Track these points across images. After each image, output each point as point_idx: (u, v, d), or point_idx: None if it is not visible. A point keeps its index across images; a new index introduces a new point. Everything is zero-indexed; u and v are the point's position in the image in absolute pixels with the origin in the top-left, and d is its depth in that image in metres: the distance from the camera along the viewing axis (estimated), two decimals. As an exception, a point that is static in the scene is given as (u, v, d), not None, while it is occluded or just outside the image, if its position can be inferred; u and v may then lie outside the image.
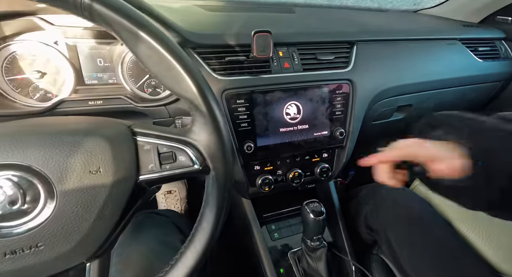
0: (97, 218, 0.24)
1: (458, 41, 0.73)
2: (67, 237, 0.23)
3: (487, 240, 0.43)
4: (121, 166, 0.25)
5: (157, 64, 0.26)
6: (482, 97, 0.80)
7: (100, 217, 0.24)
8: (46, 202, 0.22)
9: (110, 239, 0.27)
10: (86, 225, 0.23)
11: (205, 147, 0.29)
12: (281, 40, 0.57)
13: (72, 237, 0.23)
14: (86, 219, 0.23)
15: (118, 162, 0.25)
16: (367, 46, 0.64)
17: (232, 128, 0.52)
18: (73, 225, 0.23)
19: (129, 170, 0.26)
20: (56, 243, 0.23)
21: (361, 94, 0.61)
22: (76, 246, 0.23)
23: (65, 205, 0.22)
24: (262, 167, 0.59)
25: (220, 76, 0.51)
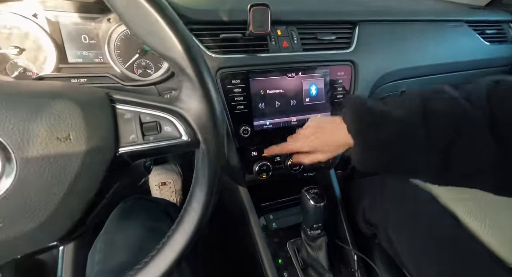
0: (68, 192, 0.21)
1: (464, 23, 0.70)
2: (32, 213, 0.20)
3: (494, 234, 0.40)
4: (96, 135, 0.22)
5: (137, 18, 0.22)
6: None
7: (72, 191, 0.21)
8: (3, 172, 0.19)
9: (87, 219, 0.24)
10: (55, 199, 0.20)
11: (194, 117, 0.25)
12: (280, 18, 0.54)
13: (37, 213, 0.20)
14: (54, 193, 0.20)
15: (92, 129, 0.22)
16: (370, 27, 0.61)
17: (227, 110, 0.49)
18: (39, 200, 0.20)
19: (106, 139, 0.23)
20: (18, 220, 0.20)
21: (363, 77, 0.58)
22: (43, 224, 0.20)
23: (27, 176, 0.19)
24: (259, 153, 0.56)
25: (214, 54, 0.48)
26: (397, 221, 0.49)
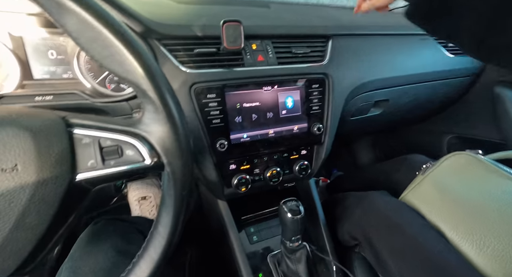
0: (14, 228, 0.19)
1: (430, 37, 0.75)
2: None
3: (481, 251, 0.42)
4: (48, 163, 0.21)
5: (92, 41, 0.22)
6: (454, 92, 0.82)
7: (19, 226, 0.20)
8: None
9: (40, 253, 0.22)
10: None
11: (157, 140, 0.25)
12: (255, 32, 0.55)
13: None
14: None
15: (43, 158, 0.21)
16: (343, 40, 0.63)
17: (203, 124, 0.49)
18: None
19: (60, 167, 0.22)
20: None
21: (337, 88, 0.60)
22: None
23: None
24: (238, 166, 0.56)
25: (189, 69, 0.48)
26: (384, 237, 0.50)
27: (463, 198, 0.48)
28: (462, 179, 0.51)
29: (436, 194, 0.51)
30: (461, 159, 0.54)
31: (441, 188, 0.51)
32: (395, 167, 0.70)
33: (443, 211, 0.48)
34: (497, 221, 0.43)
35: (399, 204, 0.54)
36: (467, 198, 0.47)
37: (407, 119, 0.93)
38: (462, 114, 0.86)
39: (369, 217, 0.53)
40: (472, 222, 0.45)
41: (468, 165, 0.53)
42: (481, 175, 0.50)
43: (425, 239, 0.45)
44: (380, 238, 0.50)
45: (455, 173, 0.53)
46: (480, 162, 0.52)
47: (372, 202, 0.55)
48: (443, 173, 0.54)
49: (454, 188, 0.50)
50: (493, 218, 0.43)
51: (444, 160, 0.56)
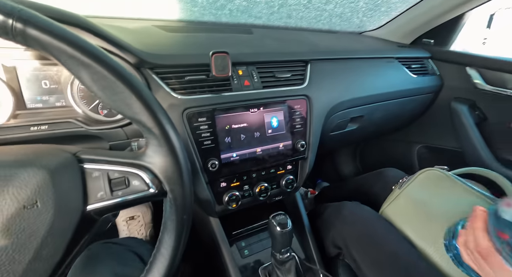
0: (33, 260, 0.21)
1: (395, 60, 0.85)
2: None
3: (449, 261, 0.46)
4: (63, 198, 0.23)
5: (104, 89, 0.25)
6: (419, 107, 0.92)
7: (37, 257, 0.22)
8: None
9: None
10: (19, 268, 0.21)
11: (160, 170, 0.28)
12: (241, 60, 0.60)
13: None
14: (19, 262, 0.21)
15: (60, 193, 0.23)
16: (320, 64, 0.70)
17: (195, 146, 0.52)
18: (1, 270, 0.20)
19: (74, 200, 0.24)
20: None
21: (317, 108, 0.66)
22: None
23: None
24: (228, 183, 0.59)
25: (180, 95, 0.51)
26: (360, 245, 0.55)
27: (433, 213, 0.53)
28: (433, 194, 0.57)
29: (411, 209, 0.57)
30: (431, 175, 0.60)
31: (415, 202, 0.57)
32: (373, 180, 0.77)
33: (417, 225, 0.54)
34: None
35: (376, 217, 0.60)
36: (437, 213, 0.53)
37: (380, 132, 1.02)
38: (427, 126, 0.96)
39: (348, 228, 0.58)
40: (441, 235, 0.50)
41: (438, 180, 0.59)
42: (449, 190, 0.56)
43: (400, 252, 0.50)
44: (359, 249, 0.54)
45: (427, 188, 0.59)
46: (447, 177, 0.58)
47: (348, 213, 0.60)
48: (417, 188, 0.60)
49: (426, 203, 0.56)
50: None
51: (418, 175, 0.62)
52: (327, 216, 0.66)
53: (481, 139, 0.80)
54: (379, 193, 0.69)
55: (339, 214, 0.63)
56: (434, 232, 0.51)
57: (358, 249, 0.55)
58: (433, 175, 0.60)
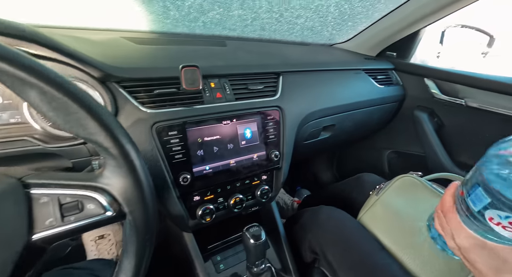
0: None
1: (362, 71, 0.90)
2: None
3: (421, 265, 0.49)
4: (2, 227, 0.21)
5: (56, 110, 0.24)
6: (385, 115, 0.98)
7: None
8: None
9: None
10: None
11: (119, 191, 0.27)
12: (213, 72, 0.60)
13: None
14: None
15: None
16: (292, 76, 0.73)
17: (166, 160, 0.51)
18: None
19: (16, 230, 0.22)
20: None
21: (289, 118, 0.68)
22: None
23: None
24: (202, 197, 0.58)
25: (149, 109, 0.50)
26: (335, 249, 0.56)
27: (407, 219, 0.56)
28: (407, 201, 0.60)
29: (387, 215, 0.59)
30: (406, 181, 0.63)
31: (391, 209, 0.60)
32: (352, 185, 0.79)
33: (392, 231, 0.56)
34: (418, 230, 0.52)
35: (352, 221, 0.62)
36: (410, 219, 0.56)
37: (352, 139, 1.07)
38: (395, 133, 1.03)
39: (325, 233, 0.59)
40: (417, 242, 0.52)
41: (412, 186, 0.62)
42: (422, 197, 0.59)
43: (374, 257, 0.52)
44: (334, 254, 0.56)
45: (402, 194, 0.62)
46: (421, 184, 0.61)
47: (325, 217, 0.62)
48: (393, 194, 0.63)
49: (401, 209, 0.59)
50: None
51: (394, 182, 0.65)
52: (304, 221, 0.67)
53: (440, 144, 0.87)
54: (357, 199, 0.71)
55: (316, 218, 0.64)
56: (407, 238, 0.54)
57: (334, 253, 0.56)
58: (408, 181, 0.63)
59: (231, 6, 0.75)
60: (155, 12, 0.69)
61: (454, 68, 0.88)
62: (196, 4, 0.70)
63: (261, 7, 0.78)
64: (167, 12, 0.71)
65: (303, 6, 0.81)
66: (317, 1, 0.79)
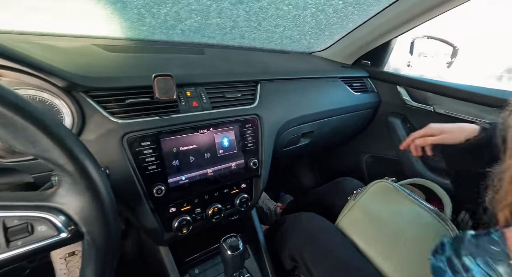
0: None
1: (339, 79, 0.93)
2: None
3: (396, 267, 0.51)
4: None
5: (3, 127, 0.22)
6: (362, 121, 1.01)
7: None
8: None
9: None
10: None
11: (75, 210, 0.26)
12: (189, 81, 0.60)
13: None
14: None
15: None
16: (270, 84, 0.74)
17: (138, 172, 0.49)
18: None
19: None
20: None
21: (268, 126, 0.69)
22: None
23: None
24: (178, 208, 0.57)
25: (120, 119, 0.49)
26: (315, 253, 0.56)
27: (382, 223, 0.58)
28: (383, 205, 0.62)
29: (363, 220, 0.61)
30: (381, 186, 0.65)
31: (367, 214, 0.61)
32: (332, 190, 0.81)
33: (368, 235, 0.58)
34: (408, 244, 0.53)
35: (331, 227, 0.63)
36: (385, 223, 0.58)
37: (331, 144, 1.10)
38: (372, 138, 1.07)
39: (304, 240, 0.59)
40: (391, 245, 0.54)
41: (386, 191, 0.64)
42: (396, 201, 0.61)
43: (352, 261, 0.53)
44: (314, 260, 0.56)
45: (377, 199, 0.64)
46: (395, 189, 0.63)
47: (304, 224, 0.62)
48: (369, 199, 0.64)
49: (376, 214, 0.60)
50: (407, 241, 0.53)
51: (369, 187, 0.67)
52: (285, 229, 0.67)
53: (413, 149, 0.91)
54: (337, 203, 0.73)
55: (296, 226, 0.64)
56: (383, 241, 0.56)
57: (312, 260, 0.56)
58: (383, 186, 0.65)
59: (209, 15, 0.75)
60: (129, 19, 0.68)
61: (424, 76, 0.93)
62: (172, 12, 0.70)
63: (239, 16, 0.79)
64: (143, 20, 0.70)
65: (280, 15, 0.83)
66: (293, 11, 0.82)
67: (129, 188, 0.48)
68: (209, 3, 0.70)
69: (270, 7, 0.77)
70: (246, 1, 0.72)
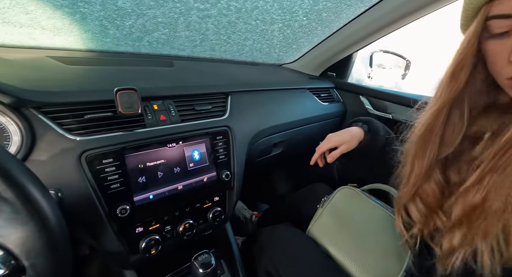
0: None
1: (307, 90, 0.97)
2: None
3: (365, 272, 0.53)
4: None
5: None
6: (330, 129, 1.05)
7: None
8: None
9: None
10: None
11: (15, 242, 0.23)
12: (156, 94, 0.58)
13: None
14: None
15: None
16: (240, 96, 0.75)
17: (99, 192, 0.46)
18: None
19: None
20: None
21: (239, 138, 0.69)
22: None
23: None
24: (146, 227, 0.54)
25: (79, 136, 0.45)
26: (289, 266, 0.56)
27: (349, 227, 0.60)
28: (348, 210, 0.64)
29: (331, 226, 0.63)
30: (345, 192, 0.68)
31: (335, 219, 0.63)
32: (304, 197, 0.82)
33: (337, 240, 0.60)
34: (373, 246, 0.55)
35: (302, 237, 0.63)
36: (352, 227, 0.60)
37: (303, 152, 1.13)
38: (340, 144, 1.12)
39: (278, 252, 0.59)
40: (358, 248, 0.56)
41: (351, 197, 0.67)
42: (359, 206, 0.64)
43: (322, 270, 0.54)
44: (287, 274, 0.56)
45: (342, 205, 0.66)
46: (357, 194, 0.67)
47: (279, 236, 0.62)
48: (335, 205, 0.67)
49: (343, 219, 0.63)
50: (371, 243, 0.56)
51: (335, 194, 0.69)
52: (260, 242, 0.67)
53: (378, 154, 0.98)
54: (310, 210, 0.74)
55: (270, 239, 0.64)
56: (351, 244, 0.58)
57: (286, 273, 0.56)
58: (347, 192, 0.69)
59: (177, 27, 0.75)
60: (90, 30, 0.65)
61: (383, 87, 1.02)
62: (138, 24, 0.69)
63: (208, 29, 0.80)
64: (106, 31, 0.68)
65: (249, 30, 0.85)
66: (261, 25, 0.85)
67: (88, 210, 0.44)
68: (176, 17, 0.70)
69: (238, 22, 0.79)
70: (214, 15, 0.74)
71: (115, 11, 0.61)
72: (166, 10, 0.66)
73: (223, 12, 0.73)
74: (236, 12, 0.74)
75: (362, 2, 0.78)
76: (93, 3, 0.56)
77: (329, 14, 0.83)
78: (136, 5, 0.61)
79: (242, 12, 0.74)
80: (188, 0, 0.65)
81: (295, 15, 0.81)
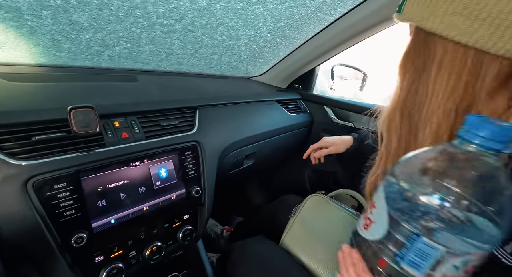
0: None
1: (275, 102, 1.01)
2: None
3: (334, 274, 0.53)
4: None
5: None
6: (299, 139, 1.11)
7: None
8: None
9: None
10: None
11: None
12: (117, 111, 0.55)
13: None
14: None
15: None
16: (208, 110, 0.75)
17: (49, 221, 0.41)
18: None
19: None
20: None
21: (209, 152, 0.68)
22: None
23: None
24: (107, 255, 0.49)
25: (24, 161, 0.41)
26: None
27: (319, 235, 0.62)
28: (318, 217, 0.66)
29: (303, 234, 0.64)
30: (314, 200, 0.71)
31: (305, 228, 0.64)
32: (276, 208, 0.83)
33: (309, 249, 0.61)
34: None
35: (275, 249, 0.63)
36: (322, 234, 0.62)
37: (274, 162, 1.16)
38: (309, 153, 1.17)
39: (250, 267, 0.58)
40: (328, 255, 0.58)
41: (319, 204, 0.69)
42: (328, 212, 0.66)
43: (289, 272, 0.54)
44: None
45: (312, 212, 0.68)
46: (325, 201, 0.69)
47: (251, 251, 0.62)
48: (305, 214, 0.68)
49: (313, 227, 0.64)
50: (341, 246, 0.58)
51: (305, 202, 0.71)
52: (232, 259, 0.65)
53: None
54: (282, 221, 0.75)
55: (242, 254, 0.63)
56: (322, 253, 0.59)
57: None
58: (316, 200, 0.71)
59: (140, 42, 0.73)
60: (41, 44, 0.60)
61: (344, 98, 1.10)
62: (96, 38, 0.66)
63: (173, 44, 0.79)
64: (59, 45, 0.63)
65: (215, 44, 0.87)
66: (227, 41, 0.87)
67: (35, 242, 0.39)
68: (139, 31, 0.69)
69: (204, 37, 0.80)
70: (179, 30, 0.74)
71: (69, 25, 0.58)
72: (127, 25, 0.65)
73: (188, 27, 0.73)
74: (202, 28, 0.75)
75: (320, 21, 0.85)
76: (43, 17, 0.53)
77: (291, 31, 0.89)
78: (93, 20, 0.59)
79: (208, 28, 0.76)
80: (151, 16, 0.64)
81: (260, 32, 0.85)
